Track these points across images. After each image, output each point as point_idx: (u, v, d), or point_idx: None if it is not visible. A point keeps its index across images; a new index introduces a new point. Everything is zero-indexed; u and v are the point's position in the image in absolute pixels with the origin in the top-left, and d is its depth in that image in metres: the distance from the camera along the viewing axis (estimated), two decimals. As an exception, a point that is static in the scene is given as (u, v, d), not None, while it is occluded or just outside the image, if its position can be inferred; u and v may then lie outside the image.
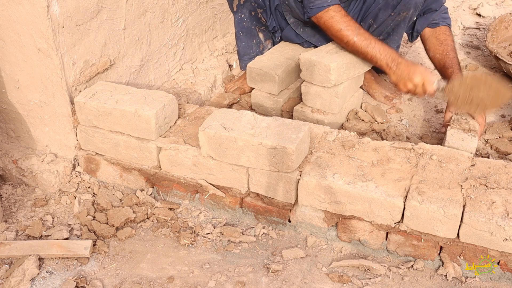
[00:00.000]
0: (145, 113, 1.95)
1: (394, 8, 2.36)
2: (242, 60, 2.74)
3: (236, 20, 2.67)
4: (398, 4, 2.34)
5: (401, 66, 2.22)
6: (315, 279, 1.79)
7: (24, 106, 2.14)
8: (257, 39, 2.69)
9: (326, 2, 2.25)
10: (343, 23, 2.24)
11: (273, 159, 1.83)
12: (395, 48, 2.59)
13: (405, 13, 2.38)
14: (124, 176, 2.14)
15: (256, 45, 2.70)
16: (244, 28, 2.66)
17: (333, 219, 1.88)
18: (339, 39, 2.29)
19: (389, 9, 2.38)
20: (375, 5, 2.40)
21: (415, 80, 2.20)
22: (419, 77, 2.20)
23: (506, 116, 2.55)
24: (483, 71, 2.94)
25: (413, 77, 2.20)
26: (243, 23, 2.65)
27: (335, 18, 2.25)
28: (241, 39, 2.69)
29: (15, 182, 2.21)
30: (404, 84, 2.23)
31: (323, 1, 2.25)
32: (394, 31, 2.46)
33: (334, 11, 2.25)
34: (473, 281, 1.76)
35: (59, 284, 1.76)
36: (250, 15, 2.63)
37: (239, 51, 2.73)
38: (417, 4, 2.37)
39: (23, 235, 1.95)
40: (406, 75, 2.21)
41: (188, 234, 1.95)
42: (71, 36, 1.99)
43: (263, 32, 2.68)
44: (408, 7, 2.35)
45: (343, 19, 2.25)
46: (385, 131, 2.40)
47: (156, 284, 1.77)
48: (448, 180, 1.78)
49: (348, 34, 2.24)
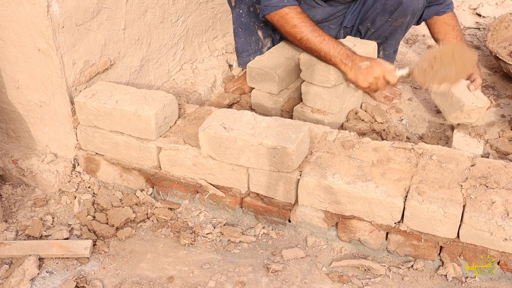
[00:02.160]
0: (145, 113, 1.95)
1: (392, 14, 2.36)
2: (240, 57, 2.73)
3: (234, 16, 2.65)
4: (395, 10, 2.34)
5: (356, 61, 2.17)
6: (315, 279, 1.79)
7: (24, 106, 2.14)
8: (255, 36, 2.67)
9: (282, 2, 2.21)
10: (297, 19, 2.19)
11: (273, 159, 1.83)
12: (392, 52, 2.60)
13: (402, 19, 2.38)
14: (124, 176, 2.14)
15: (254, 42, 2.68)
16: (242, 24, 2.64)
17: (333, 219, 1.88)
18: (292, 36, 2.24)
19: (386, 15, 2.38)
20: (373, 9, 2.40)
21: (375, 73, 2.15)
22: (378, 70, 2.15)
23: (506, 116, 2.55)
24: (483, 71, 2.94)
25: (371, 71, 2.15)
26: (242, 19, 2.63)
27: (289, 14, 2.20)
28: (239, 35, 2.67)
29: (15, 182, 2.21)
30: (364, 80, 2.18)
31: (279, 1, 2.20)
32: (392, 36, 2.46)
33: (289, 9, 2.20)
34: (473, 281, 1.76)
35: (59, 284, 1.76)
36: (248, 11, 2.61)
37: (237, 47, 2.72)
38: (415, 11, 2.36)
39: (23, 235, 1.95)
40: (364, 70, 2.15)
41: (188, 234, 1.95)
42: (71, 36, 1.99)
43: (262, 29, 2.67)
44: (405, 13, 2.35)
45: (298, 15, 2.20)
46: (385, 131, 2.40)
47: (156, 284, 1.77)
48: (448, 180, 1.78)
49: (302, 30, 2.19)
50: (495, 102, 2.36)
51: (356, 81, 2.20)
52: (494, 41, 2.94)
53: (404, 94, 2.71)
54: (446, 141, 2.38)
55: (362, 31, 2.52)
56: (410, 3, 2.31)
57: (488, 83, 2.83)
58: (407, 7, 2.32)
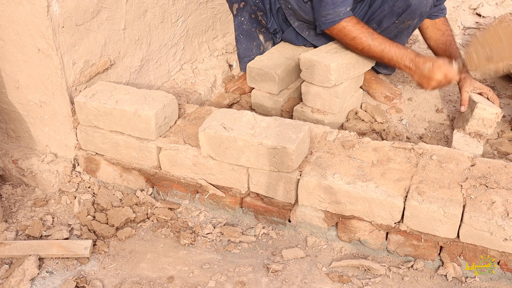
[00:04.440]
0: (145, 113, 1.95)
1: (399, 16, 2.36)
2: (242, 62, 2.74)
3: (236, 24, 2.67)
4: (403, 13, 2.34)
5: (419, 65, 2.22)
6: (315, 279, 1.79)
7: (24, 106, 2.14)
8: (257, 41, 2.69)
9: (338, 17, 2.24)
10: (356, 31, 2.24)
11: (273, 159, 1.83)
12: None
13: (409, 22, 2.38)
14: (124, 176, 2.14)
15: (256, 47, 2.70)
16: (244, 31, 2.66)
17: (333, 219, 1.88)
18: (353, 47, 2.29)
19: (394, 17, 2.38)
20: (380, 11, 2.40)
21: (437, 77, 2.20)
22: (439, 73, 2.20)
23: (506, 116, 2.55)
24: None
25: (433, 76, 2.20)
26: (243, 26, 2.65)
27: (347, 28, 2.25)
28: (241, 41, 2.69)
29: (15, 182, 2.21)
30: (427, 83, 2.24)
31: (335, 16, 2.24)
32: (397, 38, 2.46)
33: (346, 22, 2.25)
34: (473, 281, 1.76)
35: (59, 284, 1.76)
36: (250, 18, 2.63)
37: (239, 53, 2.73)
38: (422, 14, 2.37)
39: (23, 235, 1.95)
40: (427, 74, 2.21)
41: (188, 234, 1.95)
42: (71, 36, 1.99)
43: (264, 34, 2.68)
44: (413, 16, 2.35)
45: (355, 27, 2.25)
46: (385, 131, 2.40)
47: (156, 284, 1.77)
48: (448, 180, 1.78)
49: (363, 41, 2.24)
50: None
51: (421, 84, 2.27)
52: (494, 41, 2.93)
53: (404, 94, 2.71)
54: (446, 141, 2.38)
55: None
56: (419, 6, 2.32)
57: (488, 83, 2.83)
58: (415, 10, 2.33)
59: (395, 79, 2.83)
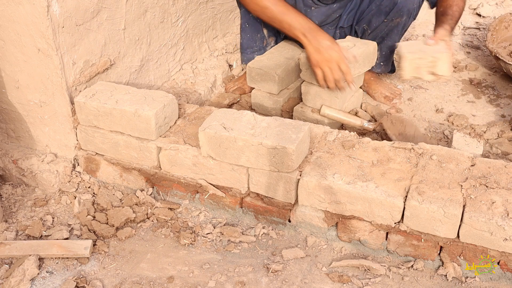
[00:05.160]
0: (145, 113, 1.95)
1: (387, 14, 2.36)
2: (244, 53, 2.70)
3: (243, 12, 2.63)
4: (390, 11, 2.35)
5: (318, 37, 2.16)
6: (315, 279, 1.79)
7: (24, 106, 2.14)
8: (261, 33, 2.66)
9: None
10: None
11: (273, 159, 1.83)
12: (389, 52, 2.60)
13: (398, 19, 2.38)
14: (124, 176, 2.14)
15: (260, 39, 2.67)
16: (250, 20, 2.60)
17: (333, 219, 1.88)
18: (257, 4, 2.24)
19: (382, 16, 2.38)
20: (368, 10, 2.41)
21: (331, 55, 2.14)
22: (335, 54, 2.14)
23: (506, 116, 2.55)
24: (483, 71, 2.94)
25: (327, 53, 2.14)
26: (250, 14, 2.61)
27: None
28: (246, 31, 2.64)
29: (15, 182, 2.21)
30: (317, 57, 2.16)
31: None
32: (388, 36, 2.46)
33: None
34: (473, 281, 1.76)
35: (59, 284, 1.76)
36: None
37: (243, 43, 2.69)
38: (410, 11, 2.36)
39: (23, 235, 1.95)
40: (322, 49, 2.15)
41: (188, 234, 1.95)
42: (71, 36, 1.99)
43: (268, 27, 2.66)
44: (400, 14, 2.35)
45: None
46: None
47: (156, 284, 1.77)
48: (448, 180, 1.78)
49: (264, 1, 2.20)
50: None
51: (310, 55, 2.20)
52: (494, 41, 2.94)
53: (404, 94, 2.71)
54: (446, 141, 2.38)
55: (358, 32, 2.53)
56: (405, 3, 2.32)
57: (488, 83, 2.83)
58: (402, 7, 2.32)
59: (395, 79, 2.83)
